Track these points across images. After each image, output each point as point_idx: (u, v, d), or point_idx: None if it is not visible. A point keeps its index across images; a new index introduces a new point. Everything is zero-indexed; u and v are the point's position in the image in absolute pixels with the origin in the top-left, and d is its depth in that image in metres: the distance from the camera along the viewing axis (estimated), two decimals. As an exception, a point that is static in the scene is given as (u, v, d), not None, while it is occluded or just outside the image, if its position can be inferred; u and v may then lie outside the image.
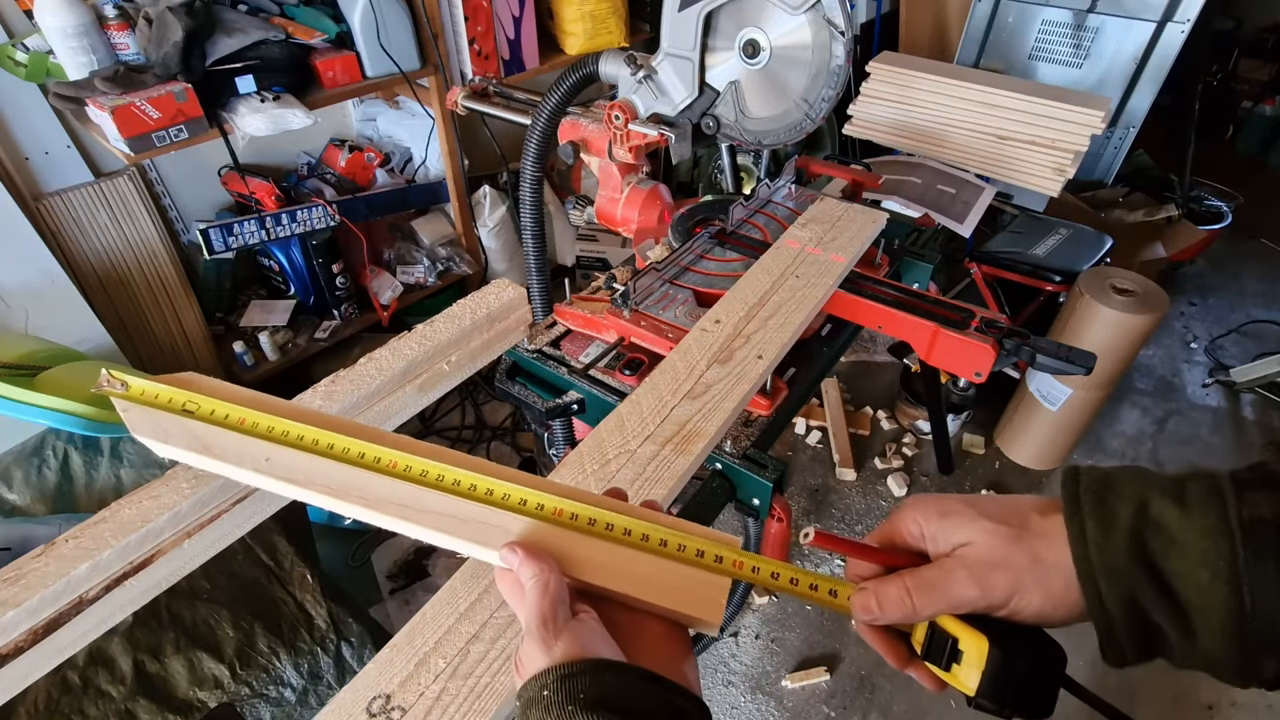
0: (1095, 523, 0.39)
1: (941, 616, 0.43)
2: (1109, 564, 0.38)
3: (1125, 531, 0.38)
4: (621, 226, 1.30)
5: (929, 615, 0.43)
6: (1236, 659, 0.36)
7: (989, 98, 1.46)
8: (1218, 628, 0.36)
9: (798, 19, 1.00)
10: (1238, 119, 4.14)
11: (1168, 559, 0.37)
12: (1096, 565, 0.38)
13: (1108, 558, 0.38)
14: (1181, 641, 0.37)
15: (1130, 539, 0.38)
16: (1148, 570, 0.37)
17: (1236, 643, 0.36)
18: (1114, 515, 0.39)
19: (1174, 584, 0.37)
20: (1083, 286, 1.88)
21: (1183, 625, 0.37)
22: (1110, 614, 0.38)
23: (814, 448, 2.33)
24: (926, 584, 0.43)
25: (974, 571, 0.41)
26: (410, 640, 0.52)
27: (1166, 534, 0.37)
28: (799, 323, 0.87)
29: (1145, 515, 0.38)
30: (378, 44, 1.92)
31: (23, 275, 1.70)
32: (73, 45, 1.56)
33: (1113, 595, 0.38)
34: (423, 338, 0.73)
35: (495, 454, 2.28)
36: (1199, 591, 0.36)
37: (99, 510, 0.55)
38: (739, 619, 1.84)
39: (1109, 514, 0.39)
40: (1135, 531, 0.38)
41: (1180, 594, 0.37)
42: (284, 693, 1.33)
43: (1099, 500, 0.40)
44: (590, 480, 0.65)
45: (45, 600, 0.49)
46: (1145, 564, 0.37)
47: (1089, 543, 0.39)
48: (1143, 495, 0.39)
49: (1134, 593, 0.37)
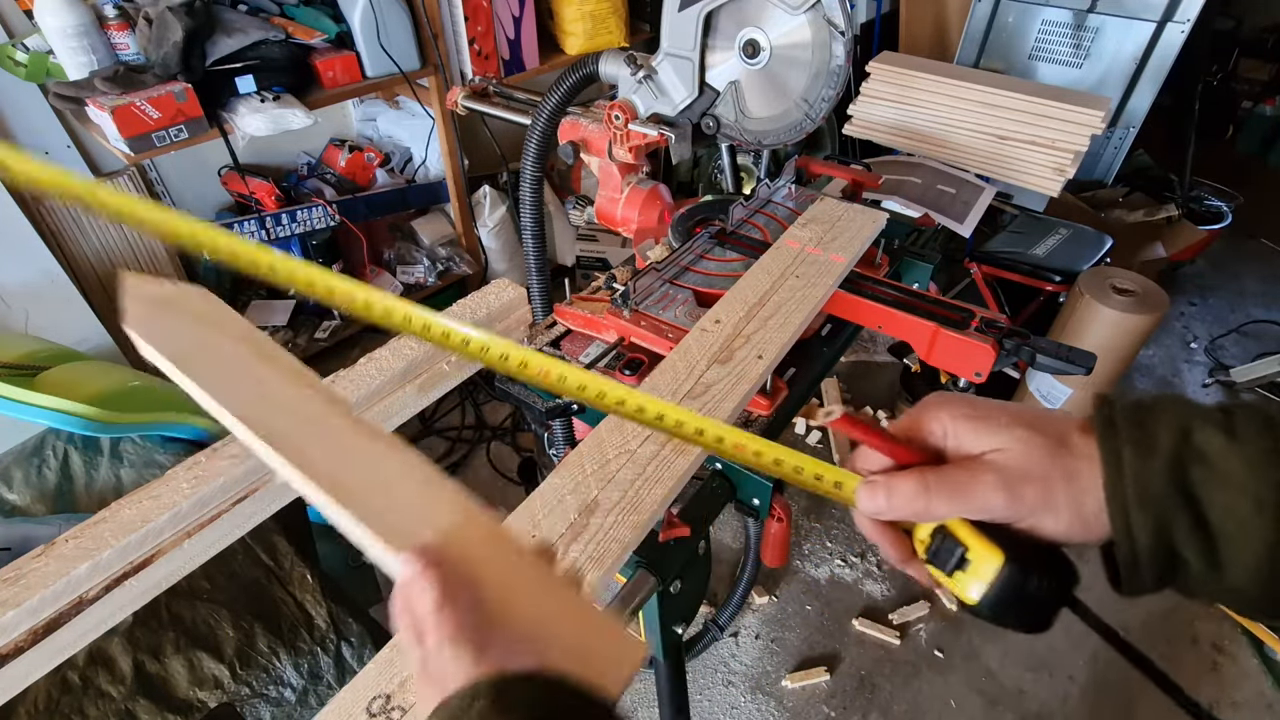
0: (1133, 448, 0.37)
1: (953, 521, 0.41)
2: (1144, 492, 0.36)
3: (1166, 458, 0.36)
4: (621, 226, 1.30)
5: (943, 516, 0.41)
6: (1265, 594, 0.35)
7: (989, 98, 1.46)
8: (1251, 563, 0.35)
9: (798, 19, 1.00)
10: (1238, 119, 4.14)
11: (1208, 488, 0.35)
12: (1130, 493, 0.36)
13: (1144, 485, 0.36)
14: (1205, 574, 0.36)
15: (1170, 467, 0.36)
16: (1185, 499, 0.36)
17: (1269, 576, 0.34)
18: (1154, 441, 0.37)
19: (1210, 515, 0.35)
20: (1083, 286, 1.88)
21: (1211, 558, 0.36)
22: (1137, 543, 0.36)
23: (814, 448, 2.33)
24: (949, 483, 0.40)
25: (1004, 478, 0.39)
26: (410, 640, 0.52)
27: (1209, 463, 0.36)
28: (799, 323, 0.87)
29: (1189, 442, 0.36)
30: (378, 44, 1.92)
31: (23, 275, 1.71)
32: (73, 45, 1.56)
33: (1143, 524, 0.36)
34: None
35: (495, 454, 2.28)
36: (1239, 524, 0.35)
37: (99, 510, 0.55)
38: (739, 619, 1.84)
39: (1149, 440, 0.37)
40: (1176, 459, 0.36)
41: (1215, 525, 0.35)
42: (284, 693, 1.33)
43: (1138, 424, 0.38)
44: (590, 480, 0.65)
45: (45, 600, 0.49)
46: (1183, 493, 0.36)
47: (1124, 467, 0.37)
48: (1185, 423, 0.37)
49: (1167, 523, 0.36)
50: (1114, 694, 1.67)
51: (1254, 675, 1.72)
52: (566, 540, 0.60)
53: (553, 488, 0.63)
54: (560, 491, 0.63)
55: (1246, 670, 1.73)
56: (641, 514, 0.61)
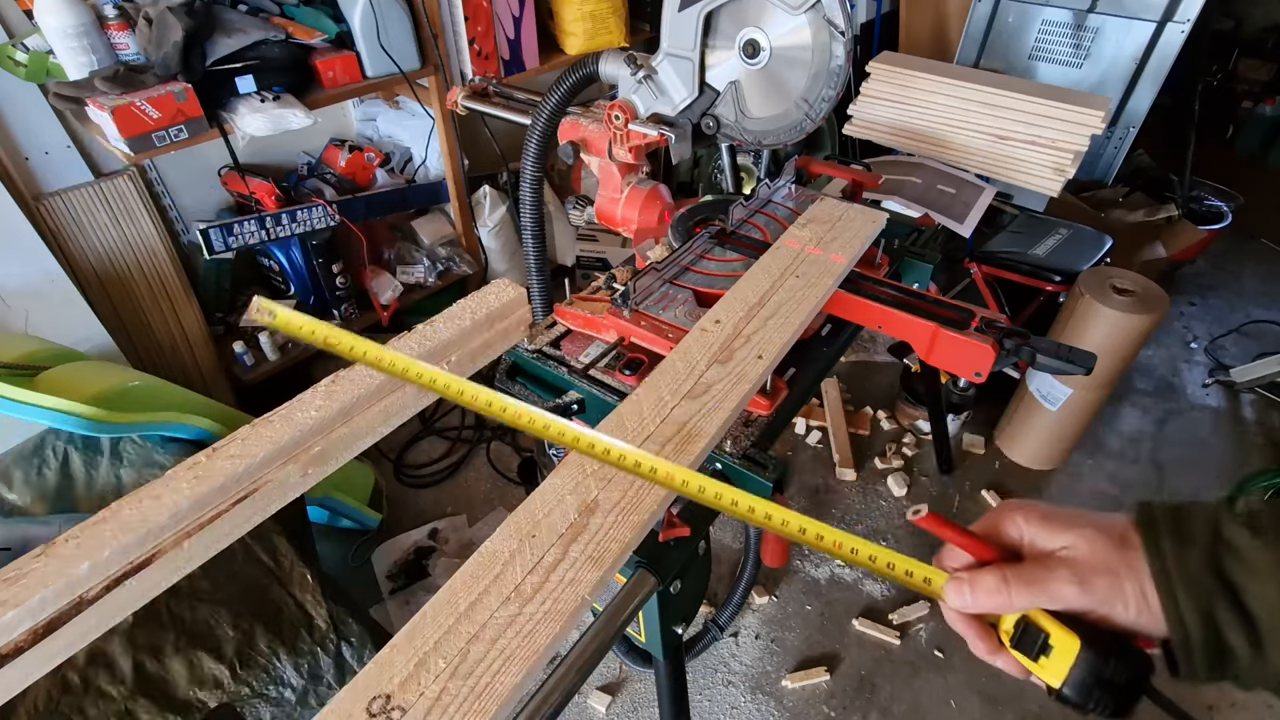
0: (1172, 539, 0.42)
1: (1034, 611, 0.45)
2: (1187, 576, 0.41)
3: (1202, 548, 0.41)
4: (621, 226, 1.30)
5: (1022, 608, 0.45)
6: None
7: (989, 98, 1.46)
8: None
9: (798, 19, 1.00)
10: (1238, 119, 4.14)
11: (1241, 576, 0.40)
12: (1175, 577, 0.41)
13: (1186, 571, 0.41)
14: (1252, 658, 0.40)
15: (1206, 556, 0.41)
16: (1222, 584, 0.40)
17: None
18: (1190, 534, 0.42)
19: (1246, 601, 0.40)
20: (1083, 286, 1.88)
21: (1254, 640, 0.40)
22: (1187, 626, 0.41)
23: (814, 448, 2.33)
24: (1027, 577, 0.45)
25: (1076, 571, 0.44)
26: (410, 640, 0.52)
27: (1238, 554, 0.41)
28: (799, 323, 0.87)
29: (1219, 536, 0.42)
30: (378, 44, 1.92)
31: (23, 275, 1.71)
32: (73, 45, 1.56)
33: (1190, 607, 0.41)
34: (423, 338, 0.73)
35: (495, 454, 2.28)
36: (1270, 609, 0.39)
37: (99, 510, 0.54)
38: (739, 619, 1.84)
39: (1186, 534, 0.42)
40: (1211, 549, 0.41)
41: (1253, 610, 0.40)
42: (284, 693, 1.33)
43: (1175, 522, 0.43)
44: (590, 480, 0.65)
45: (45, 600, 0.49)
46: (1221, 580, 0.40)
47: (1166, 555, 0.42)
48: (1215, 520, 0.42)
49: (1210, 607, 0.40)
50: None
51: (1254, 675, 1.72)
52: (566, 540, 0.60)
53: (553, 488, 0.63)
54: (560, 491, 0.63)
55: (1246, 670, 1.73)
56: (641, 514, 0.61)
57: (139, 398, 1.51)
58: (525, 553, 0.58)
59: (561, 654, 0.67)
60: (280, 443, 0.60)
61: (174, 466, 0.58)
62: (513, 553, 0.58)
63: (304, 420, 0.63)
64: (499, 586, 0.56)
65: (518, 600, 0.55)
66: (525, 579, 0.56)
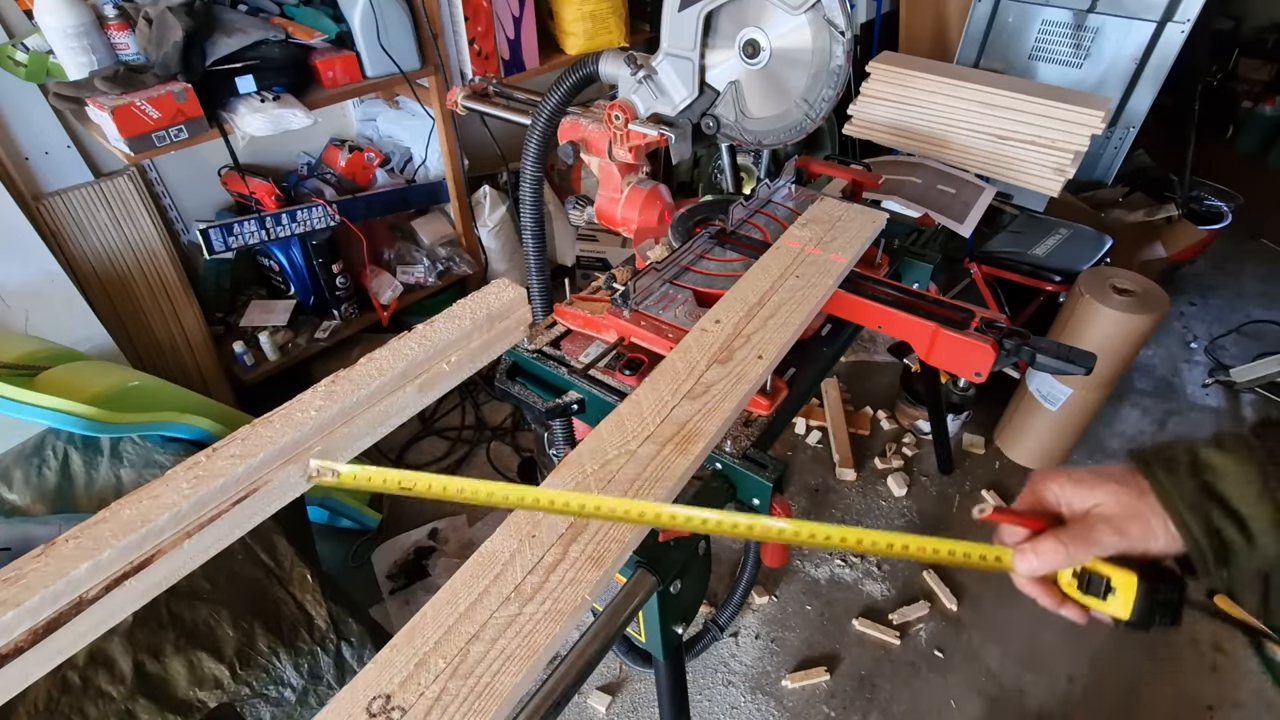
0: (1163, 469, 0.53)
1: (1091, 561, 0.55)
2: (1187, 500, 0.51)
3: (1187, 471, 0.53)
4: (621, 226, 1.30)
5: (1080, 561, 0.55)
6: None
7: (989, 98, 1.46)
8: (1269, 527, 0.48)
9: (798, 19, 1.00)
10: (1238, 119, 4.14)
11: (1222, 485, 0.51)
12: (1178, 503, 0.52)
13: (1185, 496, 0.52)
14: (1245, 548, 0.49)
15: (1192, 476, 0.52)
16: (1210, 495, 0.51)
17: None
18: (1174, 460, 0.54)
19: (1232, 502, 0.50)
20: (1083, 286, 1.88)
21: (1245, 532, 0.49)
22: (1195, 536, 0.51)
23: (814, 448, 2.33)
24: (1076, 536, 0.54)
25: (1113, 523, 0.54)
26: (410, 640, 0.52)
27: (1215, 470, 0.52)
28: (799, 323, 0.87)
29: (1197, 458, 0.53)
30: (378, 44, 1.92)
31: (23, 275, 1.71)
32: (73, 45, 1.56)
33: (1194, 519, 0.51)
34: (423, 338, 0.73)
35: (495, 454, 2.28)
36: (1250, 503, 0.49)
37: (99, 510, 0.54)
38: (739, 619, 1.84)
39: (1170, 460, 0.54)
40: (1194, 470, 0.52)
41: (1239, 509, 0.50)
42: (284, 693, 1.33)
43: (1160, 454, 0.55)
44: (590, 480, 0.65)
45: (45, 600, 0.49)
46: (1209, 493, 0.51)
47: (1162, 483, 0.53)
48: (1192, 448, 0.54)
49: (1207, 513, 0.51)
50: (1114, 694, 1.67)
51: (1254, 675, 1.72)
52: (566, 540, 0.60)
53: (553, 487, 0.63)
54: (561, 491, 0.63)
55: (1246, 670, 1.73)
56: (641, 514, 0.61)
57: (139, 398, 1.51)
58: (525, 553, 0.58)
59: (561, 654, 0.67)
60: (280, 443, 0.60)
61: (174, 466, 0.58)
62: (513, 553, 0.59)
63: (304, 420, 0.62)
64: (499, 586, 0.56)
65: (518, 600, 0.55)
66: (525, 579, 0.57)
